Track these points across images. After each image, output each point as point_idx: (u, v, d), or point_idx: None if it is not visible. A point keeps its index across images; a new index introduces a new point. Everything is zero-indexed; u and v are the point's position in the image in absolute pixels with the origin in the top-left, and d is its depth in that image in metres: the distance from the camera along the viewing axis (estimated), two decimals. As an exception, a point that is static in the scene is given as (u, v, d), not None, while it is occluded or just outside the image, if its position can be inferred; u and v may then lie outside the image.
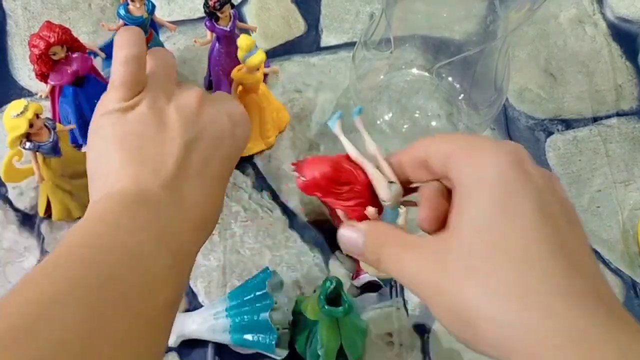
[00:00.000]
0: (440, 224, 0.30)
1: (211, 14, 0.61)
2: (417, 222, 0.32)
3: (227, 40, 0.64)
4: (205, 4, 0.61)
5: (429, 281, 0.28)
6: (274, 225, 0.60)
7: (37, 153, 0.54)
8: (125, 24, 0.62)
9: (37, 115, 0.52)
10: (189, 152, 0.35)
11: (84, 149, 0.62)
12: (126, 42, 0.39)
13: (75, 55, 0.58)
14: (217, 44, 0.64)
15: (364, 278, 0.56)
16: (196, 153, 0.35)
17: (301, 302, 0.53)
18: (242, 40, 0.54)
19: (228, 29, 0.63)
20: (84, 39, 0.61)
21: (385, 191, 0.34)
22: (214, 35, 0.63)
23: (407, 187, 0.36)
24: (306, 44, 0.72)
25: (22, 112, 0.51)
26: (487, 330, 0.25)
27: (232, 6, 0.62)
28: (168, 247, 0.31)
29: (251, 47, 0.54)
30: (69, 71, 0.58)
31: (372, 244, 0.32)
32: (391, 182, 0.34)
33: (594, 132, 0.67)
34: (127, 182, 0.33)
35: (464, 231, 0.27)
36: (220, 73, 0.66)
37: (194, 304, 0.56)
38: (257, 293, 0.52)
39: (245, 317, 0.51)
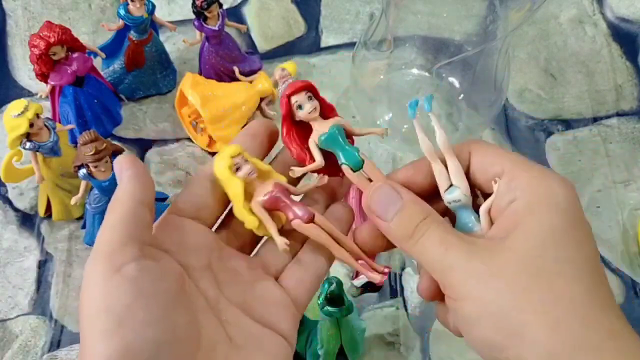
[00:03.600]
0: (439, 296, 0.31)
1: (199, 14, 0.62)
2: (417, 289, 0.31)
3: (216, 40, 0.64)
4: (193, 4, 0.61)
5: (471, 280, 0.27)
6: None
7: (37, 153, 0.54)
8: (126, 24, 0.63)
9: (37, 115, 0.52)
10: None
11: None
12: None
13: (75, 55, 0.58)
14: (206, 43, 0.65)
15: (364, 278, 0.56)
16: None
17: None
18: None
19: (217, 28, 0.63)
20: (84, 39, 0.61)
21: (445, 195, 0.31)
22: (203, 34, 0.64)
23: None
24: (306, 44, 0.72)
25: (22, 112, 0.51)
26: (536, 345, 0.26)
27: (220, 6, 0.62)
28: None
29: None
30: (69, 71, 0.58)
31: (410, 215, 0.30)
32: (452, 185, 0.31)
33: (594, 132, 0.67)
34: None
35: (526, 245, 0.27)
36: (211, 72, 0.66)
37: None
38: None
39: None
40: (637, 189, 0.63)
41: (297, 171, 0.32)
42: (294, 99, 0.32)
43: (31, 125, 0.52)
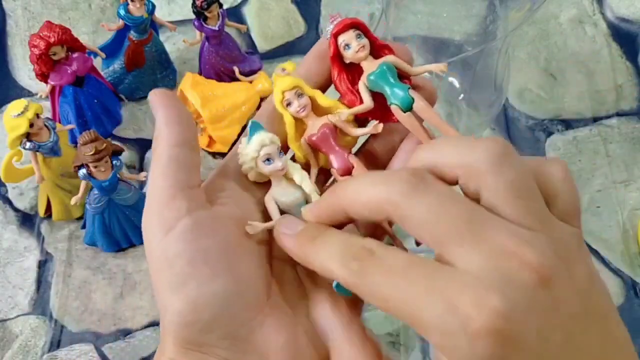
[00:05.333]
0: None
1: (199, 14, 0.62)
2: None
3: (216, 40, 0.64)
4: (193, 4, 0.61)
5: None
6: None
7: (37, 153, 0.54)
8: (126, 24, 0.63)
9: (37, 115, 0.52)
10: None
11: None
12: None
13: (75, 55, 0.58)
14: (206, 43, 0.65)
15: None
16: None
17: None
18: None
19: (217, 28, 0.63)
20: (84, 39, 0.61)
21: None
22: (203, 34, 0.64)
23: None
24: (306, 44, 0.72)
25: (22, 112, 0.51)
26: None
27: (220, 6, 0.62)
28: None
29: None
30: (69, 71, 0.58)
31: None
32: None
33: (594, 132, 0.67)
34: None
35: None
36: (211, 72, 0.66)
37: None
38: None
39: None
40: (637, 189, 0.63)
41: (343, 114, 0.30)
42: (340, 38, 0.30)
43: (31, 125, 0.52)
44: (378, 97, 0.30)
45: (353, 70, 0.30)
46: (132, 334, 0.55)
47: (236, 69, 0.66)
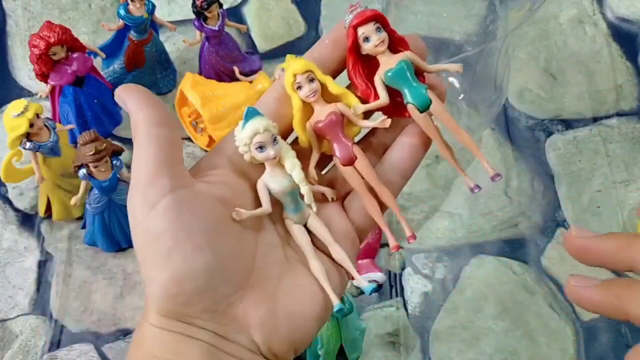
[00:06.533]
0: None
1: (199, 14, 0.62)
2: None
3: (216, 40, 0.64)
4: (193, 4, 0.61)
5: None
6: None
7: (37, 153, 0.54)
8: (126, 24, 0.63)
9: (37, 115, 0.52)
10: None
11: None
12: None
13: (75, 55, 0.58)
14: (206, 43, 0.65)
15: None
16: None
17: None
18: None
19: (217, 28, 0.63)
20: (84, 39, 0.61)
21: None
22: (203, 34, 0.64)
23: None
24: (306, 44, 0.72)
25: (22, 112, 0.51)
26: None
27: (220, 6, 0.62)
28: None
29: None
30: (69, 71, 0.58)
31: None
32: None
33: (594, 132, 0.67)
34: None
35: None
36: (211, 72, 0.66)
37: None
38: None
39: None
40: (637, 189, 0.63)
41: (358, 108, 0.30)
42: (360, 30, 0.29)
43: (31, 125, 0.52)
44: (391, 92, 0.30)
45: (368, 63, 0.30)
46: (132, 334, 0.55)
47: (236, 69, 0.66)
